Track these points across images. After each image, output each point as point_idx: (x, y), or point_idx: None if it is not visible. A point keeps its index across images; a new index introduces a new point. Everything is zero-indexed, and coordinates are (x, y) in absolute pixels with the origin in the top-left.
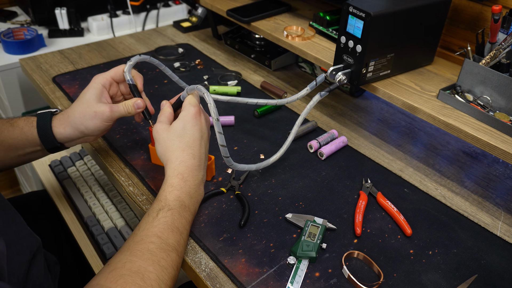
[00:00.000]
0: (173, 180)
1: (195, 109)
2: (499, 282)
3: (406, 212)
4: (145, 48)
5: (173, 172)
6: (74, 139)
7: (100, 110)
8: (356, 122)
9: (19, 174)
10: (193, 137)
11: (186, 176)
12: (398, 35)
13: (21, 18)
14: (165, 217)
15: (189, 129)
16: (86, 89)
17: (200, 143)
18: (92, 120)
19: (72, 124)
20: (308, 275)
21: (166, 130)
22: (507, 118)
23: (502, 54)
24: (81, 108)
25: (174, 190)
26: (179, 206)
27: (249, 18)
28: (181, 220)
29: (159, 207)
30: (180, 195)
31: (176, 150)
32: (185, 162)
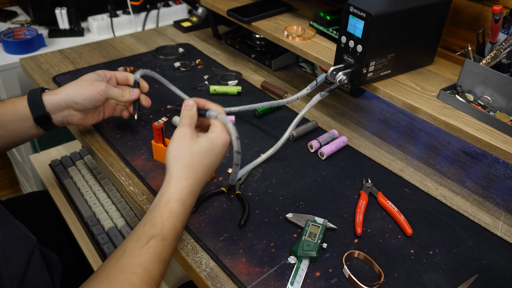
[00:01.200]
0: (174, 205)
1: (227, 139)
2: (499, 282)
3: (407, 212)
4: (145, 48)
5: (177, 194)
6: (60, 109)
7: (97, 82)
8: (356, 122)
9: (19, 174)
10: (211, 165)
11: (188, 203)
12: (398, 35)
13: (21, 18)
14: (155, 247)
15: (213, 155)
16: (88, 74)
17: (210, 171)
18: (87, 88)
19: (66, 91)
20: (309, 275)
21: (192, 139)
22: (508, 118)
23: (503, 54)
24: (78, 82)
25: (172, 217)
26: (173, 236)
27: (250, 18)
28: (170, 250)
29: (153, 233)
30: (176, 224)
31: (190, 168)
32: (192, 186)
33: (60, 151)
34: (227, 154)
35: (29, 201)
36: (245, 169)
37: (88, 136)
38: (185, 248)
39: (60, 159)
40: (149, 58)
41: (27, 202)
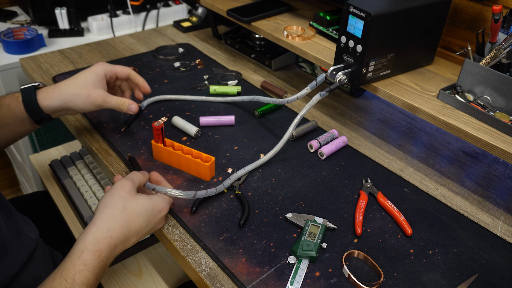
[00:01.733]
0: (89, 256)
1: (165, 207)
2: (499, 281)
3: (406, 212)
4: (145, 48)
5: (94, 245)
6: (59, 111)
7: (94, 95)
8: (356, 122)
9: (19, 174)
10: (140, 225)
11: (104, 256)
12: (398, 35)
13: (21, 18)
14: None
15: (145, 216)
16: (87, 71)
17: (138, 234)
18: (83, 102)
19: (62, 98)
20: (309, 274)
21: (130, 193)
22: (507, 118)
23: (503, 54)
24: (75, 88)
25: (85, 270)
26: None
27: (249, 18)
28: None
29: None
30: (90, 279)
31: (117, 221)
32: (112, 239)
33: (60, 151)
34: (161, 224)
35: (29, 201)
36: (245, 169)
37: (88, 136)
38: (185, 248)
39: (60, 159)
40: (149, 58)
41: (27, 202)
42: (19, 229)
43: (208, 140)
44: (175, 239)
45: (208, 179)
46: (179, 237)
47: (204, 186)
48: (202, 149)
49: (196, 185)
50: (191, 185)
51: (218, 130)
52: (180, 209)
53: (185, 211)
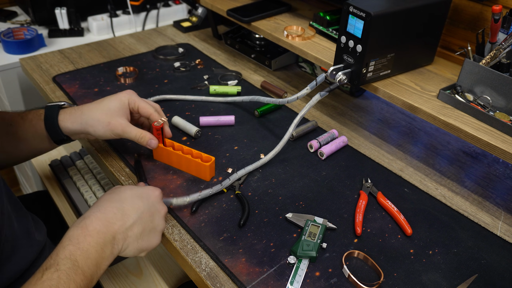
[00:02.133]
0: (74, 231)
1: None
2: (499, 281)
3: (406, 212)
4: (145, 48)
5: (80, 220)
6: (79, 134)
7: (114, 123)
8: (356, 122)
9: (19, 174)
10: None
11: (91, 229)
12: (398, 35)
13: (21, 18)
14: (49, 280)
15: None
16: (113, 97)
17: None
18: (103, 128)
19: (83, 122)
20: (309, 274)
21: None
22: (507, 118)
23: (502, 54)
24: (97, 113)
25: (70, 244)
26: (70, 266)
27: (249, 18)
28: (69, 284)
29: (47, 265)
30: (74, 253)
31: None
32: (101, 212)
33: (60, 151)
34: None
35: (30, 201)
36: (245, 170)
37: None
38: (185, 248)
39: (60, 159)
40: (149, 58)
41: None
42: (28, 228)
43: (208, 140)
44: (175, 239)
45: (208, 179)
46: (179, 237)
47: (204, 186)
48: (202, 149)
49: (196, 185)
50: (191, 185)
51: (218, 130)
52: (180, 209)
53: (185, 211)
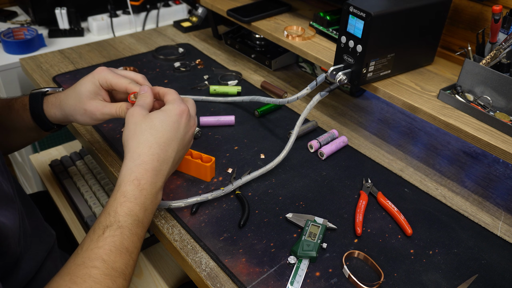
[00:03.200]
0: (127, 187)
1: (183, 108)
2: (499, 282)
3: (407, 212)
4: (145, 48)
5: (129, 174)
6: (65, 122)
7: (90, 109)
8: (356, 122)
9: (19, 174)
10: (167, 136)
11: (144, 183)
12: (398, 35)
13: (21, 18)
14: (112, 236)
15: (167, 125)
16: (85, 80)
17: (171, 145)
18: (81, 116)
19: (62, 112)
20: (309, 274)
21: (141, 116)
22: (508, 118)
23: (503, 54)
24: (73, 101)
25: (126, 201)
26: (132, 222)
27: (250, 18)
28: (132, 238)
29: (107, 223)
30: (133, 209)
31: (142, 144)
32: (146, 163)
33: (60, 151)
34: (193, 126)
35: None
36: (251, 175)
37: (88, 136)
38: (185, 248)
39: (60, 159)
40: (149, 58)
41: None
42: (38, 225)
43: (208, 140)
44: (175, 239)
45: (208, 180)
46: (179, 237)
47: (204, 186)
48: (202, 149)
49: (196, 186)
50: (191, 186)
51: (218, 130)
52: (180, 209)
53: (185, 211)
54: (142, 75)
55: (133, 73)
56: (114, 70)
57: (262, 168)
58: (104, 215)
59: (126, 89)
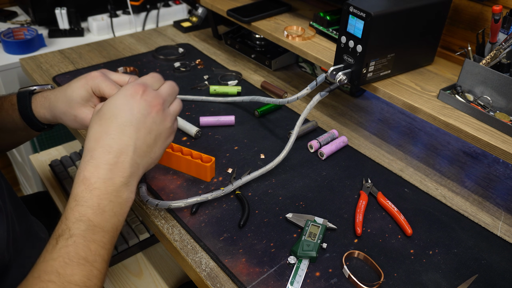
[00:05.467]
0: (77, 189)
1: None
2: (499, 282)
3: (407, 212)
4: (145, 48)
5: (78, 174)
6: (55, 123)
7: (81, 116)
8: (356, 122)
9: (19, 174)
10: (118, 122)
11: (95, 181)
12: (398, 35)
13: (21, 18)
14: (66, 247)
15: (114, 109)
16: (77, 85)
17: (126, 131)
18: (71, 122)
19: (51, 113)
20: (309, 274)
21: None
22: (508, 118)
23: (503, 54)
24: (63, 105)
25: (77, 205)
26: (85, 229)
27: (250, 18)
28: (89, 246)
29: (59, 231)
30: (84, 213)
31: (90, 137)
32: (96, 158)
33: (60, 151)
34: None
35: (30, 202)
36: (251, 175)
37: None
38: (185, 248)
39: (60, 159)
40: (149, 58)
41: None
42: (30, 229)
43: (208, 140)
44: (175, 239)
45: (208, 180)
46: (179, 237)
47: (204, 186)
48: (202, 149)
49: (196, 186)
50: (191, 186)
51: (218, 130)
52: (180, 210)
53: (185, 211)
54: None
55: (127, 76)
56: (109, 74)
57: (262, 168)
58: (59, 222)
59: None
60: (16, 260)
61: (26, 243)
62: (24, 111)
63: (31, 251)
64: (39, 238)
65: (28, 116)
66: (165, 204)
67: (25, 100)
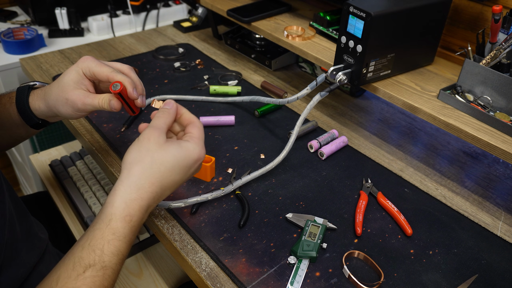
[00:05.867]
0: (118, 224)
1: (202, 154)
2: (499, 282)
3: (407, 212)
4: (145, 48)
5: (122, 209)
6: (50, 116)
7: (71, 98)
8: (356, 122)
9: (19, 174)
10: (173, 179)
11: (135, 220)
12: (398, 35)
13: (21, 18)
14: (94, 277)
15: (178, 168)
16: (69, 70)
17: (173, 187)
18: (63, 107)
19: (46, 103)
20: (309, 274)
21: (157, 145)
22: (508, 118)
23: (503, 54)
24: (56, 90)
25: (115, 239)
26: (116, 261)
27: (250, 18)
28: (113, 277)
29: (91, 261)
30: (121, 247)
31: (146, 177)
32: (143, 200)
33: (60, 151)
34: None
35: (30, 202)
36: (251, 175)
37: (88, 136)
38: (185, 248)
39: (60, 159)
40: (149, 58)
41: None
42: (30, 229)
43: (208, 140)
44: (175, 239)
45: (208, 180)
46: (179, 237)
47: (204, 186)
48: None
49: (196, 186)
50: (191, 186)
51: (218, 130)
52: (180, 209)
53: (185, 211)
54: (129, 66)
55: (119, 64)
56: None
57: (262, 168)
58: (87, 250)
59: (108, 78)
60: (13, 262)
61: (26, 243)
62: (21, 104)
63: (31, 251)
64: (39, 238)
65: (24, 110)
66: (165, 204)
67: (23, 94)
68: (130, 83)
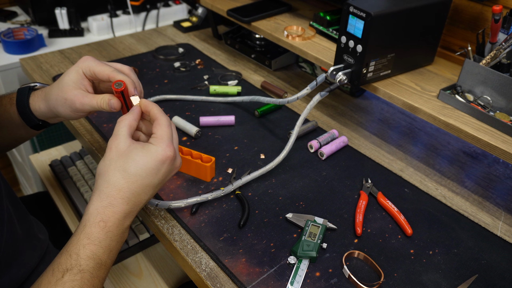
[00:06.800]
0: (92, 229)
1: (168, 154)
2: (499, 282)
3: (407, 212)
4: (145, 48)
5: (95, 215)
6: (50, 117)
7: (70, 98)
8: (356, 122)
9: (19, 174)
10: (141, 183)
11: (110, 225)
12: (398, 35)
13: (21, 18)
14: (72, 281)
15: (143, 171)
16: (69, 71)
17: (145, 191)
18: (62, 107)
19: (46, 104)
20: (309, 275)
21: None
22: (508, 118)
23: (503, 54)
24: (55, 91)
25: (90, 244)
26: (94, 266)
27: (250, 18)
28: (92, 282)
29: (67, 265)
30: (96, 252)
31: (112, 185)
32: (114, 206)
33: (60, 151)
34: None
35: (30, 203)
36: (251, 176)
37: (88, 136)
38: (185, 248)
39: (60, 159)
40: (149, 58)
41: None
42: (30, 230)
43: (208, 140)
44: (175, 239)
45: (208, 180)
46: (179, 237)
47: (204, 186)
48: (202, 149)
49: (196, 186)
50: (191, 186)
51: (218, 130)
52: (180, 210)
53: (185, 211)
54: (129, 66)
55: (119, 64)
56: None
57: (262, 168)
58: (64, 256)
59: (109, 77)
60: (14, 263)
61: (25, 243)
62: (21, 105)
63: (30, 251)
64: (39, 239)
65: (24, 111)
66: (165, 204)
67: (24, 95)
68: (131, 83)
